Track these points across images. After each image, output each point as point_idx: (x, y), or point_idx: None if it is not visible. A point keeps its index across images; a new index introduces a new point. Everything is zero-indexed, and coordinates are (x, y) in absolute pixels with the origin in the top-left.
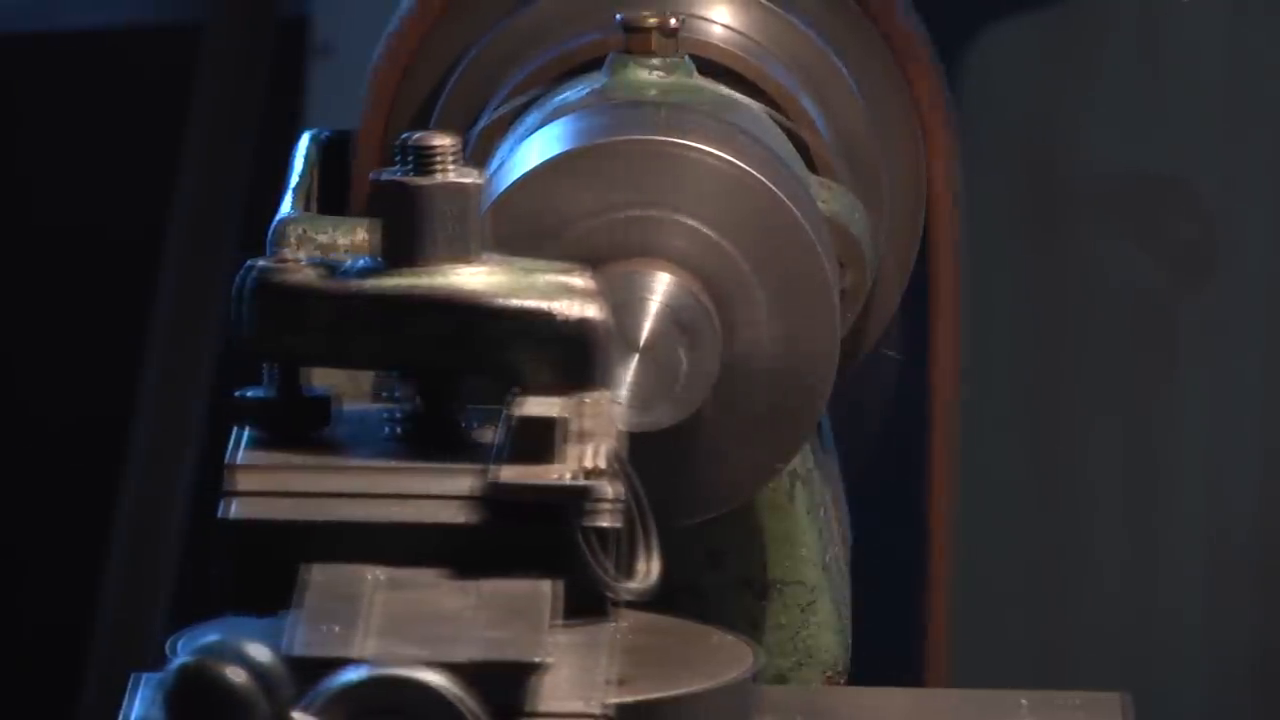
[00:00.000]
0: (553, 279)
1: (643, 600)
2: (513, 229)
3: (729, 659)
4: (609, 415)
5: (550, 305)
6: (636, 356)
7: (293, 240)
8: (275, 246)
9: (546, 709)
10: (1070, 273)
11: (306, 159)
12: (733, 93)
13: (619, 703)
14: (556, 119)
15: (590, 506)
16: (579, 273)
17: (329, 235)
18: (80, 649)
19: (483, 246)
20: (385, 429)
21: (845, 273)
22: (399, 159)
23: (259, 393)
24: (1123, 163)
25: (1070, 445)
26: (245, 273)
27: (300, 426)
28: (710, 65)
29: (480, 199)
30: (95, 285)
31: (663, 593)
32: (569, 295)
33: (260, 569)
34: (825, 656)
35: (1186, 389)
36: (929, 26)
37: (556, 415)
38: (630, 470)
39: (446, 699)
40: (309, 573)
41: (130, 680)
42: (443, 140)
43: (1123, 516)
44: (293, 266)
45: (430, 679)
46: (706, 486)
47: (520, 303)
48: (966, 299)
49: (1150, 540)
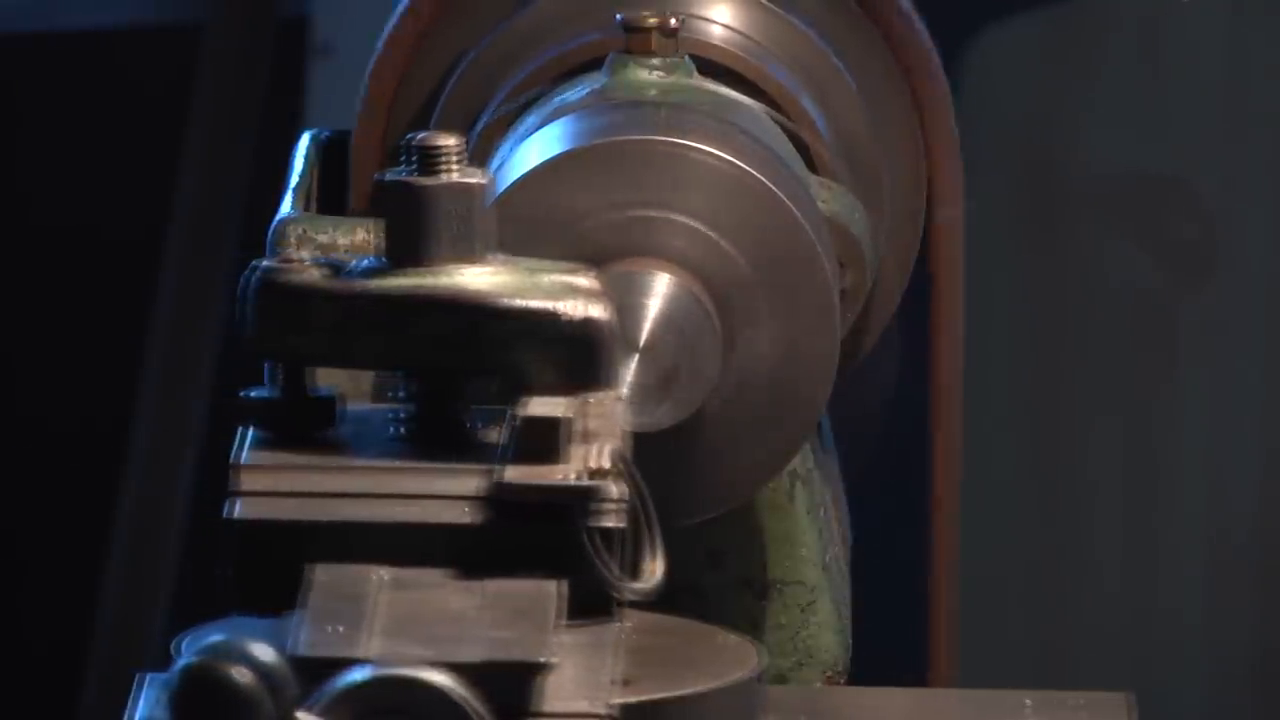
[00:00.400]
0: (558, 279)
1: (647, 600)
2: (512, 229)
3: (734, 659)
4: (614, 415)
5: (555, 305)
6: (636, 357)
7: (293, 240)
8: (275, 246)
9: (551, 709)
10: (1070, 273)
11: (306, 159)
12: (733, 93)
13: (624, 703)
14: (556, 119)
15: (595, 507)
16: (584, 273)
17: (329, 235)
18: (80, 649)
19: (489, 246)
20: (390, 429)
21: (845, 273)
22: (404, 159)
23: (263, 393)
24: (1123, 163)
25: (1070, 445)
26: (250, 273)
27: (305, 427)
28: (710, 65)
29: (485, 199)
30: (95, 285)
31: (663, 593)
32: (574, 295)
33: (265, 569)
34: (825, 656)
35: (1186, 389)
36: (929, 26)
37: (561, 415)
38: (635, 470)
39: (451, 699)
40: (314, 573)
41: (135, 680)
42: (448, 140)
43: (1123, 516)
44: (297, 267)
45: (435, 679)
46: (706, 486)
47: (525, 303)
48: (967, 299)
49: (1150, 540)
